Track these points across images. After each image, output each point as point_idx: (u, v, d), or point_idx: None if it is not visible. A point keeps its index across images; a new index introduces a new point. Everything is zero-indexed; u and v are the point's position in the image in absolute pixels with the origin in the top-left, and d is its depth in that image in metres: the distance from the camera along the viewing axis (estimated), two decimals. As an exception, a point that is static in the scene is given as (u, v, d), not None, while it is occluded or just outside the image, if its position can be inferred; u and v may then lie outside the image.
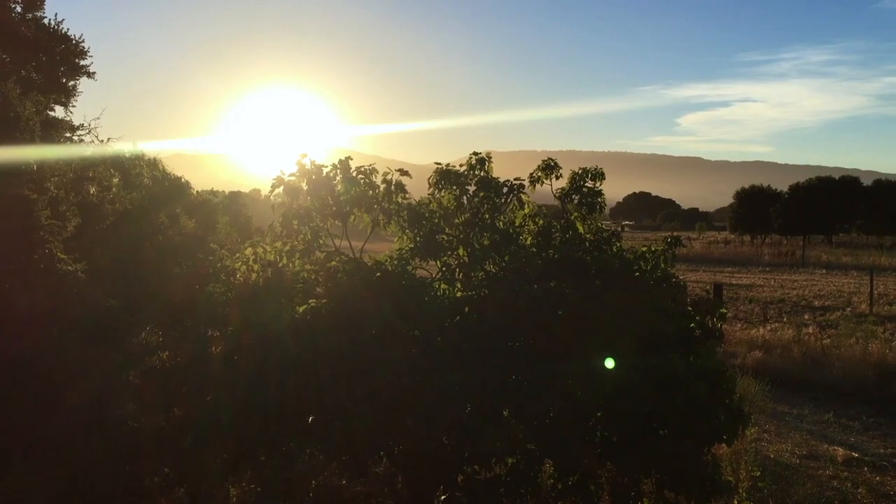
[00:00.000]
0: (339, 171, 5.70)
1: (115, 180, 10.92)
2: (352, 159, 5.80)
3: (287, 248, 5.73)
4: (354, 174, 5.75)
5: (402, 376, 5.01)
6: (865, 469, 8.83)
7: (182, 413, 5.43)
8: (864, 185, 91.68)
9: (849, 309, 23.73)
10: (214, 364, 5.36)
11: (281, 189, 5.68)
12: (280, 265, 5.76)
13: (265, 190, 5.88)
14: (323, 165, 5.69)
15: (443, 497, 5.32)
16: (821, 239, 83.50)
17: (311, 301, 5.40)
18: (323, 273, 5.73)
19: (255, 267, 5.72)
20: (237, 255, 5.84)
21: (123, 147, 12.24)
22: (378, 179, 5.86)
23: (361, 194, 5.73)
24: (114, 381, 6.63)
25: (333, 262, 5.71)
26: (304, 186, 5.72)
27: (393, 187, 5.87)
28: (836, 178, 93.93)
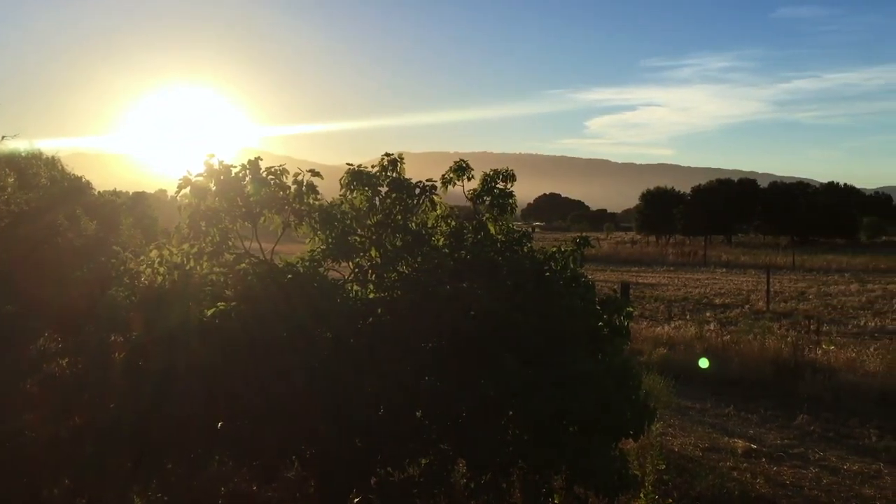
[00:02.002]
0: (248, 171, 5.59)
1: (10, 180, 10.43)
2: (261, 159, 5.70)
3: (195, 250, 5.59)
4: (265, 175, 5.66)
5: (314, 379, 4.96)
6: (763, 460, 9.21)
7: (83, 421, 5.23)
8: (761, 187, 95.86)
9: (747, 306, 24.75)
10: (117, 370, 5.18)
11: (188, 190, 5.53)
12: (187, 268, 5.61)
13: (171, 190, 5.71)
14: (232, 166, 5.57)
15: (356, 500, 5.29)
16: (721, 239, 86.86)
17: (219, 304, 5.28)
18: (232, 275, 5.61)
19: (161, 270, 5.55)
20: (142, 257, 5.66)
21: (19, 145, 11.69)
22: (289, 180, 5.77)
23: (272, 195, 5.64)
24: (9, 390, 6.33)
25: (243, 265, 5.60)
26: (213, 187, 5.59)
27: (304, 188, 5.79)
28: (735, 180, 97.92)
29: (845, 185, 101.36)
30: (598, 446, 5.56)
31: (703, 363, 10.57)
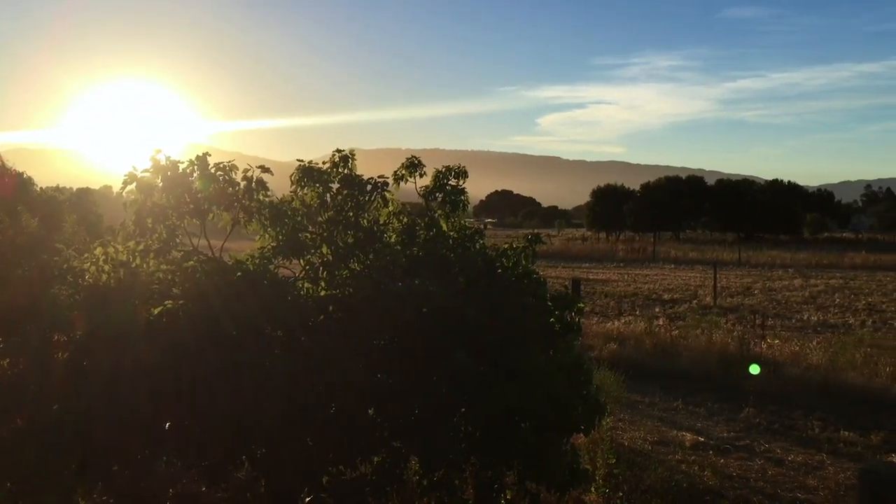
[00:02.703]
0: (196, 167, 5.49)
1: (-53, 175, 10.11)
2: (210, 155, 5.60)
3: (141, 247, 5.47)
4: (213, 171, 5.56)
5: (265, 378, 4.89)
6: (711, 452, 9.38)
7: (24, 423, 5.08)
8: (708, 184, 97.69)
9: (695, 301, 25.19)
10: (60, 371, 5.05)
11: (133, 186, 5.41)
12: (133, 265, 5.49)
13: (117, 187, 5.57)
14: (179, 161, 5.47)
15: (307, 499, 5.24)
16: (669, 235, 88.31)
17: (167, 303, 5.18)
18: (180, 273, 5.51)
19: (106, 268, 5.42)
20: (86, 255, 5.52)
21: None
22: (238, 176, 5.68)
23: (220, 191, 5.54)
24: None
25: (191, 262, 5.50)
26: (159, 183, 5.48)
27: (254, 184, 5.71)
28: (683, 177, 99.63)
29: (789, 182, 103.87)
30: (550, 442, 5.60)
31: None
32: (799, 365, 13.57)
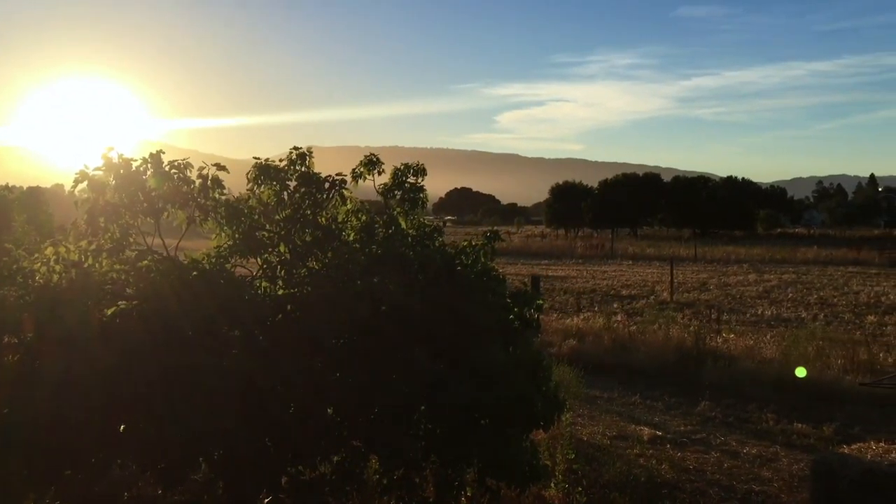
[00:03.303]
0: (150, 165, 5.39)
1: None
2: (164, 153, 5.51)
3: (93, 247, 5.36)
4: (167, 168, 5.47)
5: (222, 378, 4.83)
6: (668, 446, 9.50)
7: (-27, 429, 4.95)
8: (665, 181, 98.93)
9: (652, 297, 25.49)
10: (9, 374, 4.92)
11: (85, 184, 5.30)
12: (86, 265, 5.37)
13: (68, 185, 5.45)
14: (132, 159, 5.36)
15: (266, 500, 5.19)
16: (627, 232, 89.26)
17: (120, 303, 5.08)
18: (134, 273, 5.41)
19: (58, 268, 5.30)
20: (36, 255, 5.39)
21: None
22: (193, 174, 5.60)
23: (175, 190, 5.45)
24: None
25: (145, 262, 5.41)
26: (112, 181, 5.37)
27: (209, 182, 5.63)
28: (641, 174, 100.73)
29: (743, 179, 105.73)
30: (510, 438, 5.62)
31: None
32: (753, 359, 13.81)
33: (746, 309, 22.60)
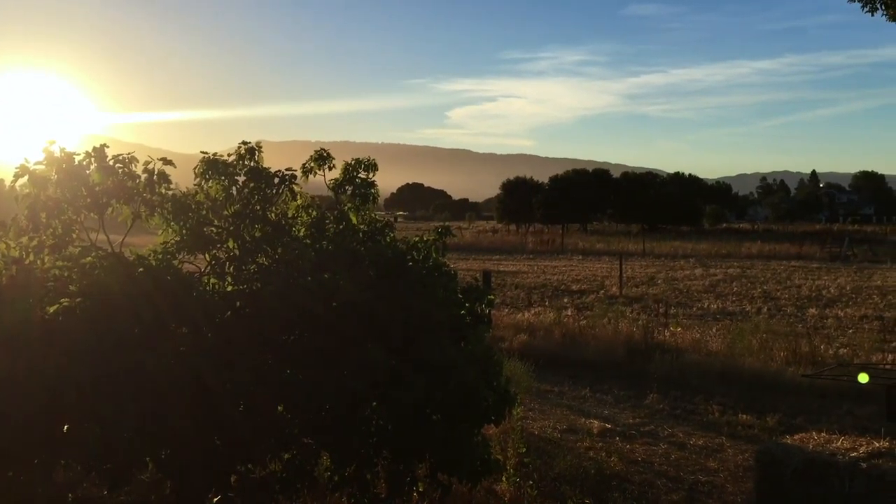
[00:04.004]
0: (93, 159, 5.27)
1: None
2: (108, 147, 5.39)
3: (34, 243, 5.22)
4: (112, 163, 5.35)
5: (170, 377, 4.75)
6: (617, 438, 9.63)
7: None
8: (614, 177, 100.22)
9: (602, 292, 25.79)
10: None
11: (26, 179, 5.15)
12: (27, 262, 5.23)
13: (8, 180, 5.30)
14: (75, 153, 5.23)
15: (215, 500, 5.13)
16: (577, 227, 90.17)
17: (63, 300, 4.96)
18: (77, 270, 5.28)
19: (-3, 265, 5.16)
20: (-27, 252, 5.24)
21: None
22: (139, 169, 5.49)
23: (120, 185, 5.34)
24: None
25: (89, 258, 5.29)
26: (54, 176, 5.24)
27: (156, 177, 5.53)
28: (590, 170, 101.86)
29: (690, 175, 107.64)
30: (462, 433, 5.64)
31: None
32: (700, 351, 14.07)
33: (693, 303, 23.01)
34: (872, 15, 12.22)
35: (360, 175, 6.61)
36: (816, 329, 17.35)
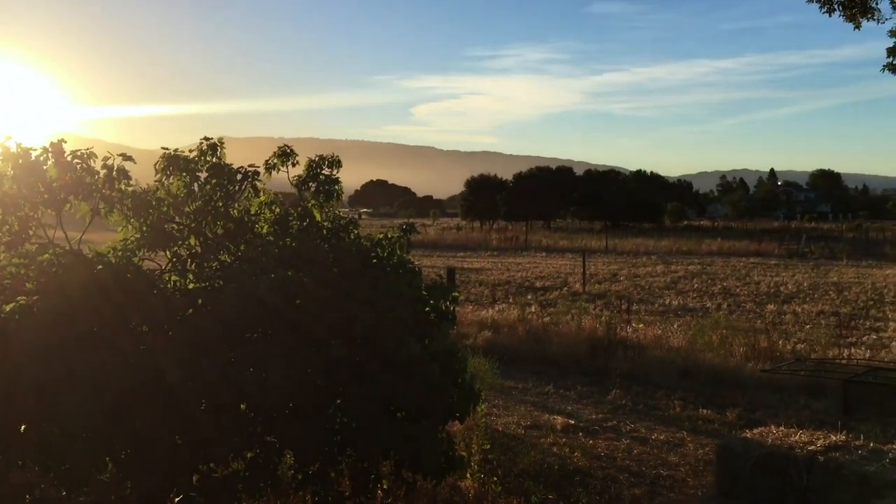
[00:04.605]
0: (51, 154, 5.18)
1: None
2: (66, 142, 5.30)
3: (-10, 240, 5.12)
4: (70, 158, 5.27)
5: (130, 375, 4.69)
6: (580, 434, 9.70)
7: None
8: (577, 174, 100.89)
9: (565, 288, 25.96)
10: None
11: (-20, 174, 5.06)
12: (-19, 260, 5.13)
13: (-38, 176, 5.19)
14: (31, 149, 5.14)
15: (176, 500, 5.07)
16: (541, 224, 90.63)
17: (19, 298, 4.86)
18: (34, 267, 5.18)
19: (-49, 262, 5.05)
20: (-74, 248, 5.12)
21: None
22: (98, 164, 5.41)
23: (78, 180, 5.25)
24: None
25: (47, 255, 5.19)
26: (10, 172, 5.14)
27: (115, 173, 5.45)
28: (554, 168, 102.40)
29: (652, 172, 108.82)
30: (426, 430, 5.64)
31: None
32: (661, 347, 14.23)
33: (655, 299, 23.26)
34: (830, 16, 12.48)
35: (323, 172, 6.58)
36: (775, 325, 17.64)
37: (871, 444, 7.15)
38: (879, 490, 6.08)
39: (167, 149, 5.93)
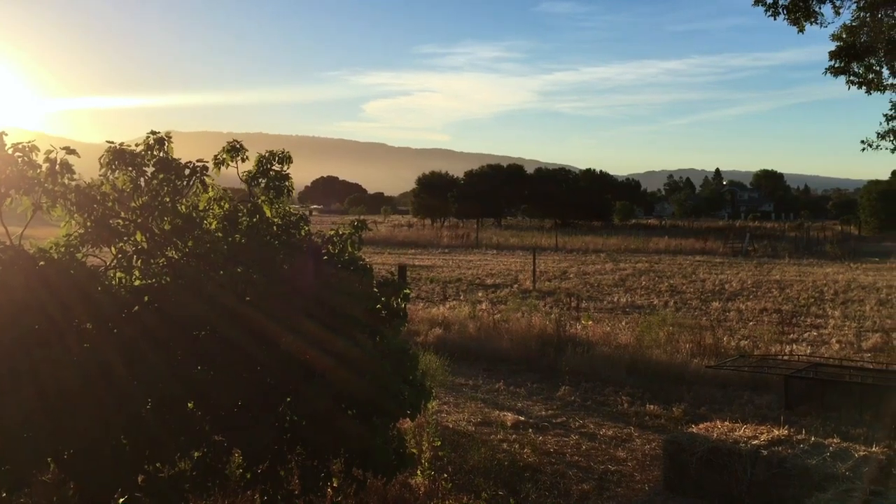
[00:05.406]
0: (-11, 148, 5.03)
1: None
2: (7, 134, 5.15)
3: (-75, 235, 4.95)
4: (11, 151, 5.11)
5: (73, 374, 4.58)
6: (530, 430, 9.78)
7: None
8: (528, 173, 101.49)
9: (516, 286, 26.14)
10: None
11: (-85, 167, 4.88)
12: (-84, 255, 4.96)
13: None
14: (-32, 141, 4.98)
15: (121, 500, 4.97)
16: (492, 222, 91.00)
17: (-43, 295, 4.72)
18: (-27, 263, 5.03)
19: None
20: None
21: None
22: (40, 158, 5.26)
23: (19, 174, 5.10)
24: None
25: (-14, 251, 5.04)
26: (-53, 165, 4.98)
27: (58, 167, 5.31)
28: (505, 166, 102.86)
29: (601, 171, 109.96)
30: (377, 428, 5.63)
31: None
32: (610, 344, 14.42)
33: (604, 296, 23.55)
34: (775, 19, 12.76)
35: (274, 167, 6.50)
36: (719, 322, 18.01)
37: (813, 439, 7.35)
38: (821, 483, 6.26)
39: (112, 142, 5.79)
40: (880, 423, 9.54)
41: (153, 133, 5.90)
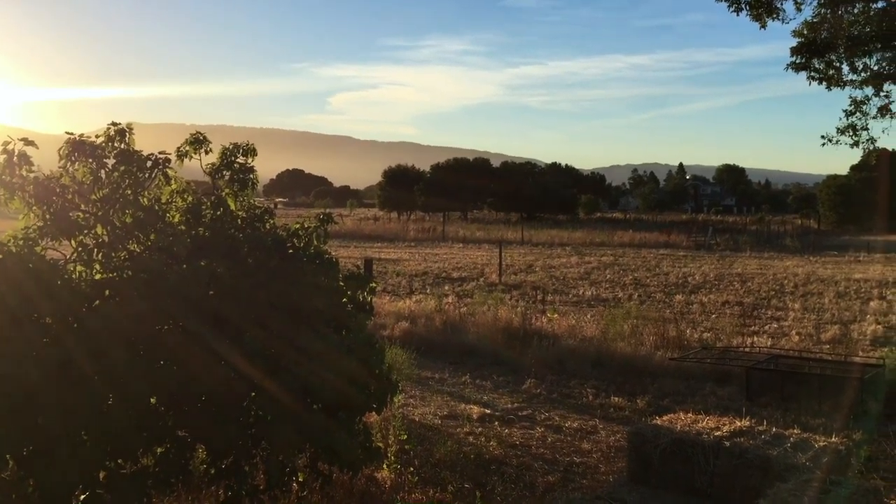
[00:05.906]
0: (-55, 138, 4.92)
1: None
2: (-38, 125, 5.04)
3: None
4: (-34, 142, 5.01)
5: (30, 370, 4.49)
6: (496, 423, 9.81)
7: None
8: (494, 166, 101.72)
9: (482, 279, 26.20)
10: None
11: None
12: None
13: None
14: (-77, 131, 4.87)
15: (82, 497, 4.89)
16: (458, 216, 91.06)
17: (-89, 290, 4.61)
18: (-72, 257, 4.92)
19: None
20: None
21: None
22: (-3, 149, 5.16)
23: (-25, 166, 5.01)
24: None
25: (-59, 244, 4.93)
26: None
27: (16, 158, 5.21)
28: (471, 159, 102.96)
29: (566, 165, 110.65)
30: (343, 422, 5.61)
31: None
32: (575, 337, 14.51)
33: (569, 290, 23.69)
34: (738, 15, 12.91)
35: (238, 160, 6.44)
36: (683, 314, 18.21)
37: (773, 429, 7.47)
38: (782, 473, 6.36)
39: (72, 133, 5.69)
40: (839, 413, 9.73)
41: (114, 124, 5.81)
